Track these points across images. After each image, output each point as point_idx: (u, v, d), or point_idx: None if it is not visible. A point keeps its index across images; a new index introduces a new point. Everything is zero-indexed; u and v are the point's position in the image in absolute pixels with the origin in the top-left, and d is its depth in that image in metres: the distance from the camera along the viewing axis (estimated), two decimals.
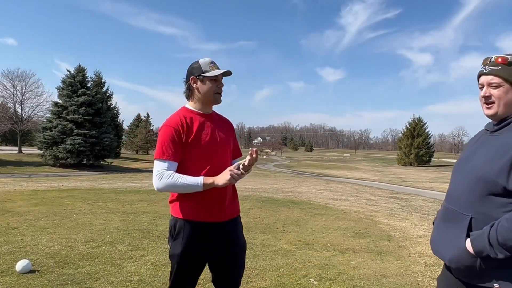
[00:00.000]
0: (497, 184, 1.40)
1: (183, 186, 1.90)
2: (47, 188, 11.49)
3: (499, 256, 1.37)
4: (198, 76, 2.03)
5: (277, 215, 7.64)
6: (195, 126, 2.02)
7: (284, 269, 4.04)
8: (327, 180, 24.13)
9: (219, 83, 2.07)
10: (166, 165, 1.94)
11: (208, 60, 2.06)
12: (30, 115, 36.86)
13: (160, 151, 1.96)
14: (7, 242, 4.66)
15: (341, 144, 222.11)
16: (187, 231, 1.97)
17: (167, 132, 1.98)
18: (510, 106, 1.50)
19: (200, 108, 2.08)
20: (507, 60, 1.50)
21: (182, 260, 1.98)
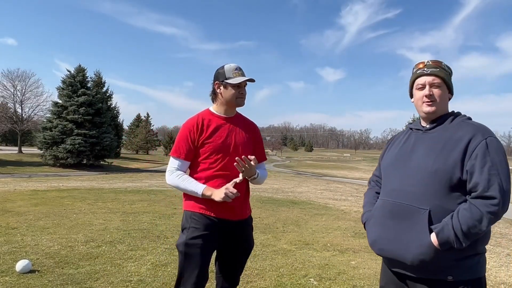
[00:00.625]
0: (453, 176, 1.50)
1: (185, 190, 2.10)
2: (47, 188, 11.49)
3: (464, 244, 1.45)
4: (222, 82, 2.12)
5: (277, 215, 7.64)
6: (210, 128, 2.11)
7: (284, 269, 4.04)
8: (327, 180, 24.12)
9: (242, 89, 2.14)
10: (177, 163, 2.12)
11: (233, 67, 2.13)
12: (30, 115, 36.84)
13: (174, 149, 2.15)
14: (7, 242, 4.66)
15: (341, 144, 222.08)
16: (194, 222, 2.07)
17: (183, 132, 2.15)
18: (446, 106, 1.67)
19: (222, 111, 2.17)
20: (442, 63, 1.67)
21: (187, 249, 2.04)
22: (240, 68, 2.15)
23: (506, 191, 1.46)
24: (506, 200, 1.45)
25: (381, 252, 1.65)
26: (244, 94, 2.16)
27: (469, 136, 1.51)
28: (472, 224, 1.43)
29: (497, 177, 1.45)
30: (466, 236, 1.44)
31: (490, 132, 1.54)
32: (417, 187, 1.55)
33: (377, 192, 1.85)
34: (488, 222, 1.44)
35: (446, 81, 1.64)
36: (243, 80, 2.09)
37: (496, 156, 1.49)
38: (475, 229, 1.44)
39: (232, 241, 2.17)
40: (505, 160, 1.51)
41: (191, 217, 2.09)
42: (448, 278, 1.50)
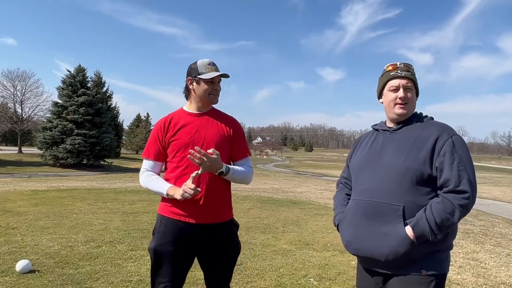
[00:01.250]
0: (423, 173, 1.57)
1: (153, 191, 2.06)
2: (47, 188, 11.49)
3: (438, 237, 1.52)
4: (194, 78, 2.03)
5: (277, 215, 7.64)
6: (178, 126, 2.04)
7: (284, 269, 4.04)
8: (327, 180, 24.11)
9: (215, 85, 2.05)
10: (148, 164, 2.11)
11: (206, 62, 2.04)
12: (30, 115, 36.84)
13: (145, 149, 2.14)
14: (7, 242, 4.66)
15: (341, 144, 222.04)
16: (163, 227, 2.02)
17: (152, 132, 2.13)
18: (414, 106, 1.74)
19: (195, 108, 2.09)
20: (411, 68, 1.74)
21: (155, 255, 1.99)
22: (213, 63, 2.05)
23: (474, 185, 1.55)
24: (475, 193, 1.54)
25: (357, 251, 1.67)
26: (217, 90, 2.06)
27: (436, 135, 1.59)
28: (445, 217, 1.50)
29: (466, 172, 1.54)
30: (439, 228, 1.51)
31: (454, 131, 1.62)
32: (389, 185, 1.60)
33: (347, 193, 1.88)
34: (460, 215, 1.51)
35: (416, 85, 1.72)
36: (216, 75, 2.00)
37: (462, 152, 1.57)
38: (448, 221, 1.51)
39: (210, 247, 2.02)
40: (470, 156, 1.60)
41: (161, 221, 2.03)
42: (422, 272, 1.55)
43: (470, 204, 1.52)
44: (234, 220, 2.15)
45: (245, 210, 8.10)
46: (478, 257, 4.87)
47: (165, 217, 2.02)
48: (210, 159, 1.87)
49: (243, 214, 7.54)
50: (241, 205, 8.77)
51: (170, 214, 2.01)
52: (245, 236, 5.53)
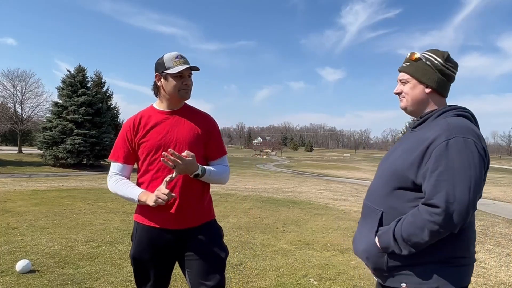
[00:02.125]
0: (407, 179, 1.41)
1: (123, 197, 1.93)
2: (47, 188, 11.49)
3: (403, 252, 1.36)
4: (162, 73, 1.86)
5: (277, 215, 7.64)
6: (148, 126, 1.90)
7: (284, 269, 4.04)
8: (327, 180, 24.12)
9: (185, 80, 1.87)
10: (116, 167, 1.97)
11: (173, 55, 1.86)
12: (30, 115, 36.87)
13: (113, 151, 1.99)
14: (7, 242, 4.66)
15: (341, 144, 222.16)
16: (139, 234, 1.94)
17: (120, 133, 1.98)
18: (419, 101, 1.54)
19: (165, 106, 1.94)
20: (415, 56, 1.55)
21: (134, 262, 1.94)
22: (182, 56, 1.87)
23: (457, 202, 1.27)
24: (453, 211, 1.27)
25: (354, 251, 1.63)
26: (188, 85, 1.89)
27: (434, 136, 1.37)
28: (413, 232, 1.32)
29: (448, 184, 1.29)
30: (406, 243, 1.34)
31: (459, 132, 1.34)
32: (378, 187, 1.53)
33: None
34: (430, 233, 1.30)
35: (414, 76, 1.53)
36: (184, 68, 1.82)
37: (457, 159, 1.30)
38: (416, 237, 1.32)
39: (190, 253, 1.89)
40: (470, 165, 1.30)
41: (136, 228, 1.95)
42: (402, 285, 1.40)
43: (443, 221, 1.28)
44: (215, 222, 2.02)
45: (245, 210, 8.11)
46: (478, 257, 4.87)
47: (140, 224, 1.94)
48: (184, 162, 1.73)
49: (243, 214, 7.54)
50: (241, 205, 8.77)
51: (144, 221, 1.92)
52: (245, 236, 5.54)
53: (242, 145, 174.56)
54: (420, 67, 1.52)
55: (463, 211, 1.28)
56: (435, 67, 1.51)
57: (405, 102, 1.58)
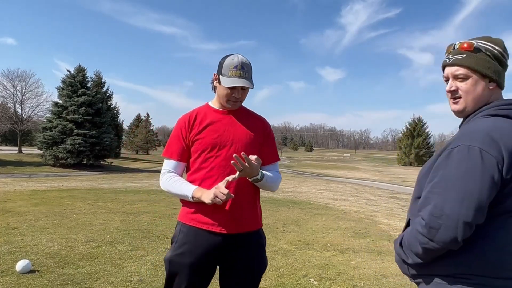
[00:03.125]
0: (422, 185, 1.30)
1: (177, 194, 1.82)
2: (47, 188, 11.49)
3: (409, 260, 1.26)
4: (218, 75, 1.83)
5: (277, 215, 7.64)
6: (204, 123, 1.85)
7: (284, 269, 4.04)
8: (327, 180, 24.11)
9: (235, 93, 1.79)
10: (169, 165, 1.87)
11: (234, 63, 1.76)
12: (30, 115, 36.84)
13: (166, 148, 1.91)
14: (7, 242, 4.66)
15: (341, 144, 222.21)
16: (182, 236, 1.81)
17: (175, 129, 1.91)
18: (482, 100, 1.29)
19: (220, 106, 1.89)
20: (472, 46, 1.29)
21: (171, 266, 1.80)
22: (241, 66, 1.76)
23: (445, 216, 1.13)
24: (439, 225, 1.14)
25: None
26: (237, 99, 1.81)
27: (449, 142, 1.25)
28: (411, 242, 1.24)
29: (438, 196, 1.17)
30: (410, 251, 1.26)
31: (469, 139, 1.17)
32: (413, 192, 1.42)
33: None
34: (421, 245, 1.19)
35: (477, 70, 1.27)
36: (233, 86, 1.75)
37: (454, 170, 1.16)
38: (414, 247, 1.23)
39: (234, 260, 1.82)
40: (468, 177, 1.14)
41: (181, 229, 1.83)
42: None
43: (429, 235, 1.16)
44: (262, 230, 1.95)
45: None
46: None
47: (186, 225, 1.81)
48: (252, 167, 1.70)
49: None
50: None
51: (191, 222, 1.80)
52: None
53: None
54: (481, 58, 1.28)
55: (452, 226, 1.13)
56: (495, 57, 1.29)
57: (464, 103, 1.30)
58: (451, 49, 1.35)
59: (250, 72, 1.80)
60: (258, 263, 1.88)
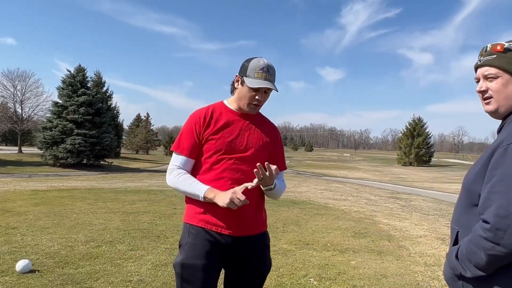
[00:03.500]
0: (474, 192, 1.23)
1: (185, 192, 1.78)
2: (47, 188, 11.49)
3: (467, 274, 1.18)
4: (241, 77, 1.80)
5: (277, 215, 7.64)
6: (220, 122, 1.81)
7: (284, 269, 4.04)
8: (327, 180, 24.12)
9: (259, 95, 1.78)
10: (179, 160, 1.81)
11: (260, 65, 1.77)
12: (30, 115, 36.85)
13: (176, 143, 1.84)
14: (7, 242, 4.66)
15: (341, 144, 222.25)
16: (192, 238, 1.77)
17: (188, 123, 1.84)
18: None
19: (237, 108, 1.86)
20: (503, 47, 1.29)
21: (183, 269, 1.75)
22: (268, 68, 1.77)
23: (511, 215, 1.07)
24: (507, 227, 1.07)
25: None
26: (260, 101, 1.80)
27: (499, 141, 1.20)
28: (472, 250, 1.15)
29: (500, 196, 1.10)
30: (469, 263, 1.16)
31: None
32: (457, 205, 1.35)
33: None
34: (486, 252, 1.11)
35: (507, 69, 1.26)
36: (260, 87, 1.74)
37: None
38: (475, 257, 1.14)
39: (242, 262, 1.83)
40: None
41: (189, 231, 1.78)
42: None
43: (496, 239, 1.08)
44: (267, 232, 1.97)
45: None
46: None
47: (195, 227, 1.77)
48: (272, 177, 1.71)
49: None
50: None
51: (200, 223, 1.77)
52: None
53: None
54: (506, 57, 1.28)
55: None
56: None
57: (496, 103, 1.30)
58: (483, 51, 1.35)
59: (274, 75, 1.81)
60: (264, 263, 1.90)
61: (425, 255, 4.90)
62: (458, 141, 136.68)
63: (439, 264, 4.50)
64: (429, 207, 10.72)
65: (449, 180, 27.46)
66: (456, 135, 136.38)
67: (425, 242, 5.70)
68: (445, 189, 19.44)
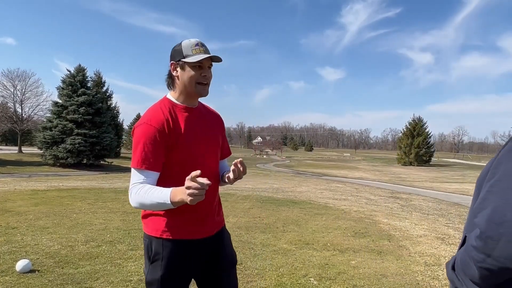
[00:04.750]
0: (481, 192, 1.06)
1: (152, 205, 1.51)
2: (47, 188, 11.49)
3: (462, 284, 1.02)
4: (178, 62, 1.64)
5: (277, 214, 7.64)
6: (181, 124, 1.65)
7: (284, 269, 4.04)
8: (327, 179, 24.13)
9: (204, 71, 1.63)
10: (143, 177, 1.56)
11: (193, 42, 1.64)
12: (30, 114, 36.89)
13: (139, 158, 1.56)
14: (7, 242, 4.66)
15: (341, 143, 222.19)
16: (167, 251, 1.63)
17: (149, 133, 1.57)
18: None
19: (183, 101, 1.70)
20: None
21: (163, 285, 1.63)
22: (202, 43, 1.64)
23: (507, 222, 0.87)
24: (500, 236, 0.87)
25: None
26: (207, 78, 1.65)
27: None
28: (465, 261, 0.98)
29: (497, 198, 0.92)
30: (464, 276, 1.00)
31: None
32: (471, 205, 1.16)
33: None
34: (476, 264, 0.93)
35: None
36: (203, 58, 1.59)
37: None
38: (468, 269, 0.97)
39: (214, 259, 1.78)
40: None
41: (163, 245, 1.63)
42: None
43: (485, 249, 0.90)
44: None
45: (245, 209, 8.11)
46: None
47: (169, 239, 1.64)
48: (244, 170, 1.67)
49: (243, 214, 7.54)
50: (241, 205, 8.77)
51: (175, 235, 1.64)
52: (245, 235, 5.54)
53: (242, 145, 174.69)
54: None
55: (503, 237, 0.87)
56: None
57: None
58: None
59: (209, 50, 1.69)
60: (233, 254, 1.89)
61: (425, 254, 4.90)
62: (458, 141, 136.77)
63: (439, 263, 4.50)
64: (429, 207, 10.72)
65: (449, 180, 27.47)
66: (456, 135, 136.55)
67: (425, 241, 5.70)
68: (445, 189, 19.45)
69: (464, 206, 11.47)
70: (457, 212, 9.78)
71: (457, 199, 13.81)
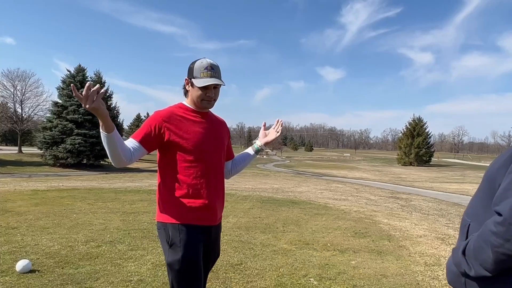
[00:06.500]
0: (495, 183, 1.14)
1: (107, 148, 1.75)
2: (47, 188, 11.49)
3: (472, 272, 1.09)
4: (190, 79, 1.96)
5: (277, 214, 7.64)
6: (186, 123, 1.95)
7: (284, 269, 4.04)
8: (327, 180, 24.12)
9: (209, 92, 1.93)
10: (132, 145, 1.85)
11: (204, 65, 1.91)
12: (30, 115, 36.91)
13: (138, 132, 1.91)
14: (7, 242, 4.66)
15: (341, 144, 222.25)
16: (183, 234, 1.88)
17: (154, 119, 1.91)
18: None
19: (194, 108, 2.02)
20: None
21: (185, 264, 1.84)
22: (211, 67, 1.91)
23: None
24: None
25: None
26: (211, 97, 1.95)
27: None
28: (480, 246, 1.05)
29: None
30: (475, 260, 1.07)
31: None
32: (474, 197, 1.26)
33: None
34: (493, 248, 1.01)
35: None
36: (208, 84, 1.89)
37: None
38: (482, 253, 1.04)
39: (210, 248, 2.05)
40: None
41: (180, 229, 1.88)
42: None
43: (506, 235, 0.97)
44: None
45: (245, 210, 8.11)
46: None
47: (185, 224, 1.90)
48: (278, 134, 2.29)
49: (243, 214, 7.54)
50: (241, 205, 8.77)
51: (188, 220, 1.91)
52: (245, 236, 5.54)
53: (242, 145, 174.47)
54: None
55: None
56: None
57: None
58: None
59: (219, 72, 1.96)
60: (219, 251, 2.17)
61: (425, 255, 4.90)
62: (458, 141, 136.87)
63: (439, 264, 4.50)
64: (429, 207, 10.72)
65: (449, 180, 27.46)
66: (456, 135, 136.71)
67: (425, 242, 5.70)
68: (445, 189, 19.44)
69: (464, 206, 11.46)
70: (457, 212, 9.77)
71: (457, 199, 13.81)
